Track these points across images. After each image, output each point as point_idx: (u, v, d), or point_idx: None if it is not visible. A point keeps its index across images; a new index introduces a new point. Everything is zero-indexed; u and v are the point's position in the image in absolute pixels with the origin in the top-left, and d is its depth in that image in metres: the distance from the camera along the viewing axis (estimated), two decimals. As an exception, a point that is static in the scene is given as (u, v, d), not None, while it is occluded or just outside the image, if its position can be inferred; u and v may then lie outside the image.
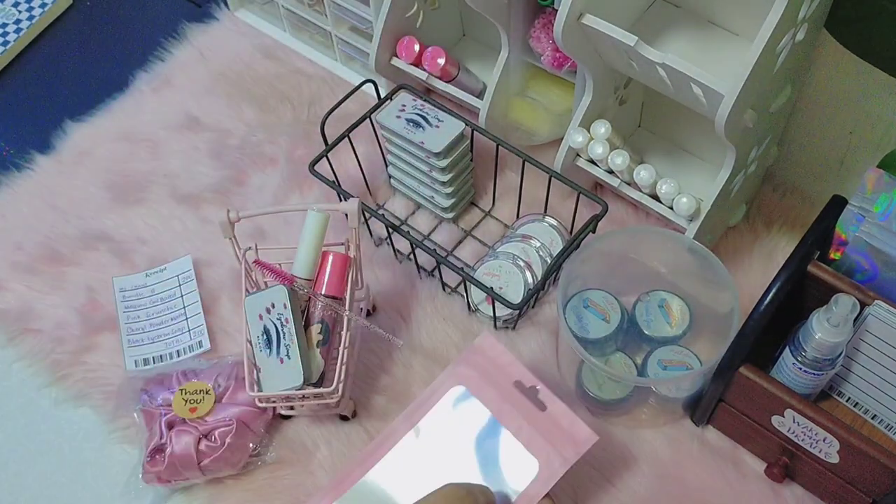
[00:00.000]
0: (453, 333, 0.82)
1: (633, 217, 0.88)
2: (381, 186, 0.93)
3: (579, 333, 0.77)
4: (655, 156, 0.87)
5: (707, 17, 0.76)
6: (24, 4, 1.11)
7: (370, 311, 0.83)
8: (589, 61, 0.74)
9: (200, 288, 0.86)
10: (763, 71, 0.63)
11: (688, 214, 0.76)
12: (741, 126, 0.67)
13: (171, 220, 0.92)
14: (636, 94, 0.85)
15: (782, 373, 0.69)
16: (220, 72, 1.04)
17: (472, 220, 0.89)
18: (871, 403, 0.72)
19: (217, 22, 1.08)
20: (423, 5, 0.91)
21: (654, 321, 0.78)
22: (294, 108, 1.00)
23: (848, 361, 0.70)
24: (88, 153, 0.98)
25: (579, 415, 0.67)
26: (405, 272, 0.86)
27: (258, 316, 0.69)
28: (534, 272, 0.81)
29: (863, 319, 0.67)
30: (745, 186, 0.81)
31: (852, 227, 0.70)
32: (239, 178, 0.94)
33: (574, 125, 0.79)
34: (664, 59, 0.65)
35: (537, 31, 0.82)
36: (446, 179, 0.83)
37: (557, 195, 0.86)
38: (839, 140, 0.80)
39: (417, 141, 0.81)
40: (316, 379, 0.70)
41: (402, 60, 0.92)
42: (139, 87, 1.03)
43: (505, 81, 0.87)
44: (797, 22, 0.63)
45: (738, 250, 0.85)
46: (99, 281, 0.88)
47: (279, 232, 0.90)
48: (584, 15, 0.68)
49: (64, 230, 0.92)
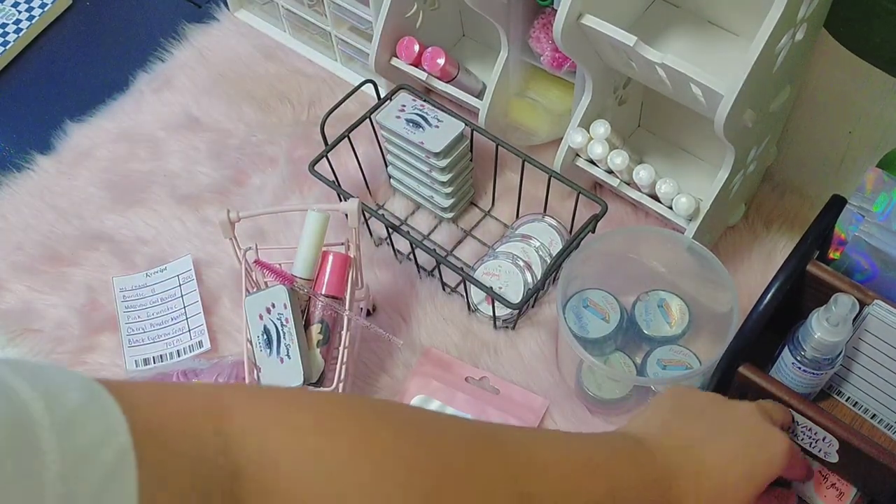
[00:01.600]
0: (453, 333, 0.82)
1: (632, 217, 0.88)
2: (381, 186, 0.93)
3: (579, 333, 0.77)
4: (655, 156, 0.87)
5: (706, 17, 0.76)
6: (23, 4, 1.11)
7: (370, 311, 0.83)
8: (588, 61, 0.74)
9: (201, 288, 0.86)
10: (762, 71, 0.63)
11: (687, 214, 0.76)
12: (740, 126, 0.68)
13: (172, 220, 0.92)
14: (635, 94, 0.85)
15: (781, 372, 0.69)
16: (220, 72, 1.04)
17: (472, 220, 0.90)
18: (870, 403, 0.72)
19: (217, 22, 1.08)
20: (422, 5, 0.91)
21: (653, 321, 0.78)
22: (294, 109, 1.00)
23: (847, 361, 0.70)
24: (88, 153, 0.98)
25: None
26: (405, 272, 0.86)
27: (258, 316, 0.70)
28: (533, 272, 0.81)
29: (862, 319, 0.67)
30: (745, 186, 0.81)
31: (852, 226, 0.70)
32: (239, 179, 0.95)
33: (573, 125, 0.80)
34: (663, 59, 0.66)
35: (537, 31, 0.82)
36: (446, 179, 0.83)
37: (557, 195, 0.86)
38: (839, 140, 0.80)
39: (417, 141, 0.81)
40: (316, 379, 0.70)
41: (401, 61, 0.92)
42: (139, 87, 1.03)
43: (504, 81, 0.87)
44: (796, 22, 0.63)
45: (738, 250, 0.85)
46: (99, 281, 0.88)
47: (279, 232, 0.90)
48: (584, 15, 0.68)
49: (64, 230, 0.92)
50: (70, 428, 0.31)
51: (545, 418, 0.77)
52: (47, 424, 0.30)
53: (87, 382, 0.33)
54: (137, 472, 0.32)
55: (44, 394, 0.31)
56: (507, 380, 0.79)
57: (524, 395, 0.78)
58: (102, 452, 0.31)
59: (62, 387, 0.32)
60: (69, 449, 0.30)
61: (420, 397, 0.78)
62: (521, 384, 0.79)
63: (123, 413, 0.33)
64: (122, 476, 0.31)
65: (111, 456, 0.31)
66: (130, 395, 0.35)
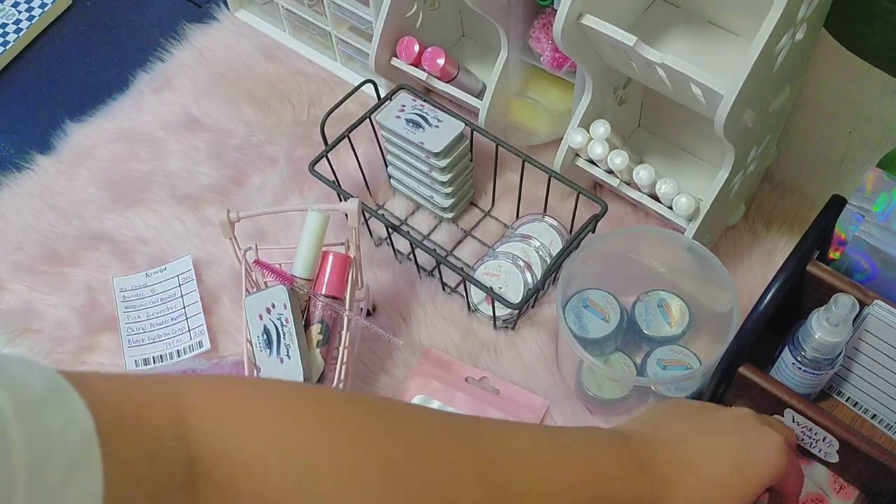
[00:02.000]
0: (453, 333, 0.82)
1: (632, 217, 0.88)
2: (381, 186, 0.93)
3: (579, 333, 0.77)
4: (655, 156, 0.87)
5: (706, 17, 0.76)
6: (23, 4, 1.11)
7: (370, 311, 0.83)
8: (588, 61, 0.74)
9: (201, 288, 0.86)
10: (762, 71, 0.63)
11: (687, 214, 0.76)
12: (740, 126, 0.68)
13: (172, 220, 0.92)
14: (636, 94, 0.85)
15: (782, 372, 0.69)
16: (220, 72, 1.04)
17: (472, 220, 0.90)
18: (870, 403, 0.72)
19: (217, 22, 1.08)
20: (422, 5, 0.91)
21: (653, 321, 0.78)
22: (294, 109, 1.00)
23: (847, 361, 0.70)
24: (88, 153, 0.98)
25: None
26: (405, 272, 0.86)
27: (258, 316, 0.70)
28: (533, 272, 0.81)
29: (862, 319, 0.67)
30: (745, 186, 0.81)
31: (851, 226, 0.70)
32: (239, 179, 0.95)
33: (573, 125, 0.79)
34: (663, 59, 0.66)
35: (537, 31, 0.82)
36: (446, 179, 0.83)
37: (557, 195, 0.86)
38: (838, 140, 0.80)
39: (417, 141, 0.81)
40: (316, 379, 0.70)
41: (401, 61, 0.92)
42: (139, 87, 1.03)
43: (504, 82, 0.87)
44: (796, 22, 0.63)
45: (738, 250, 0.85)
46: (99, 281, 0.88)
47: (279, 232, 0.90)
48: (584, 15, 0.68)
49: (64, 230, 0.92)
50: (35, 416, 0.31)
51: (545, 418, 0.77)
52: (12, 414, 0.30)
53: (48, 373, 0.34)
54: (101, 461, 0.33)
55: (7, 384, 0.31)
56: (507, 380, 0.79)
57: (524, 395, 0.78)
58: (67, 440, 0.32)
59: (24, 376, 0.33)
60: (35, 437, 0.31)
61: (420, 397, 0.78)
62: (521, 384, 0.79)
63: (85, 402, 0.34)
64: (87, 463, 0.32)
65: (76, 443, 0.32)
66: (92, 385, 0.36)
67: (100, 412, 0.34)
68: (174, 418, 0.39)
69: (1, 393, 0.31)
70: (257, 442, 0.41)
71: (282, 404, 0.44)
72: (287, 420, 0.43)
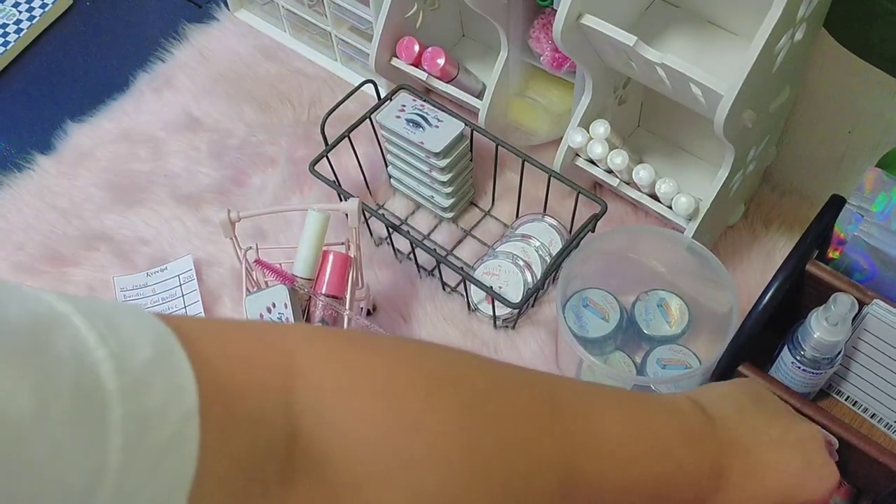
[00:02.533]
0: (453, 333, 0.82)
1: (632, 217, 0.88)
2: (381, 186, 0.93)
3: (579, 332, 0.77)
4: (654, 155, 0.88)
5: (706, 17, 0.76)
6: (24, 4, 1.11)
7: (370, 311, 0.84)
8: (588, 61, 0.74)
9: (201, 288, 0.86)
10: (762, 71, 0.63)
11: (687, 214, 0.76)
12: (740, 126, 0.68)
13: (172, 220, 0.92)
14: (635, 93, 0.85)
15: (781, 372, 0.69)
16: (220, 72, 1.04)
17: (472, 220, 0.90)
18: (870, 402, 0.72)
19: (217, 22, 1.09)
20: (422, 5, 0.91)
21: (653, 320, 0.78)
22: (294, 109, 1.00)
23: (847, 360, 0.70)
24: (89, 153, 0.98)
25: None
26: (405, 272, 0.86)
27: (259, 315, 0.70)
28: (533, 272, 0.81)
29: (861, 318, 0.67)
30: (744, 186, 0.81)
31: (851, 226, 0.70)
32: (239, 179, 0.95)
33: (573, 125, 0.80)
34: (663, 59, 0.66)
35: (537, 31, 0.83)
36: (446, 179, 0.83)
37: (557, 195, 0.86)
38: (838, 139, 0.80)
39: (417, 141, 0.81)
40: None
41: (401, 61, 0.92)
42: (139, 87, 1.03)
43: (504, 82, 0.88)
44: (796, 22, 0.63)
45: (737, 250, 0.85)
46: (100, 281, 0.88)
47: (280, 232, 0.90)
48: (584, 15, 0.68)
49: (65, 230, 0.92)
50: (137, 391, 0.29)
51: None
52: (115, 390, 0.28)
53: (160, 335, 0.31)
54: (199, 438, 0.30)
55: (115, 352, 0.29)
56: None
57: None
58: (167, 417, 0.29)
59: (134, 339, 0.30)
60: (134, 416, 0.28)
61: None
62: (521, 384, 0.79)
63: (192, 369, 0.31)
64: (182, 445, 0.30)
65: (175, 422, 0.30)
66: (201, 345, 0.33)
67: (206, 376, 0.31)
68: (282, 387, 0.37)
69: (106, 365, 0.28)
70: (359, 423, 0.39)
71: (389, 384, 0.41)
72: (392, 403, 0.41)
